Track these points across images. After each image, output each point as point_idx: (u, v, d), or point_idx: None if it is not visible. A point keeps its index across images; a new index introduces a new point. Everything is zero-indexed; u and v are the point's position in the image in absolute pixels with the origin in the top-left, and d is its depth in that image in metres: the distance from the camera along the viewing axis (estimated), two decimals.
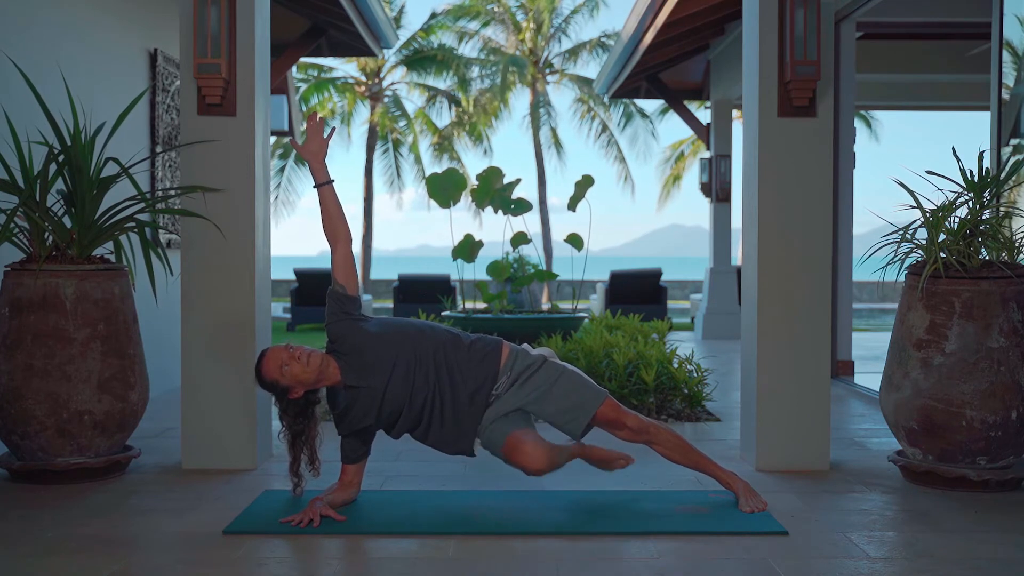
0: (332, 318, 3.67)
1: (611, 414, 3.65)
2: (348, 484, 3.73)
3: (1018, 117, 5.25)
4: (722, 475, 3.78)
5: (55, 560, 3.09)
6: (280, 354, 3.54)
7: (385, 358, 3.59)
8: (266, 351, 3.59)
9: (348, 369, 3.60)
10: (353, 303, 3.68)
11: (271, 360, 3.54)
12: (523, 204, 7.90)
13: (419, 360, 3.60)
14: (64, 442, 4.05)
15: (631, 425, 3.66)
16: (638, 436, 3.68)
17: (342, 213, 3.76)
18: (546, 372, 3.67)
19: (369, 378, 3.58)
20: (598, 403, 3.64)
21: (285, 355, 3.52)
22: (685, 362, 6.16)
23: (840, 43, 7.35)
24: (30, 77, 4.40)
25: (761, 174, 4.44)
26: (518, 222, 9.98)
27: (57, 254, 4.17)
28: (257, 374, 3.59)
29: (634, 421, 3.67)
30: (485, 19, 27.55)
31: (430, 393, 3.59)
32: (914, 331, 4.08)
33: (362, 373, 3.59)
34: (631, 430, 3.66)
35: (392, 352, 3.60)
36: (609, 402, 3.66)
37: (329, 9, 8.14)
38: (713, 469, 3.77)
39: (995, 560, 3.12)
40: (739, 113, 12.58)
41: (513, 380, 3.65)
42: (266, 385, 3.59)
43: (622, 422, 3.65)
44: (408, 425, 3.66)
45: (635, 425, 3.66)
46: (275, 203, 25.37)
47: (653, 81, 11.80)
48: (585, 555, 3.19)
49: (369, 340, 3.62)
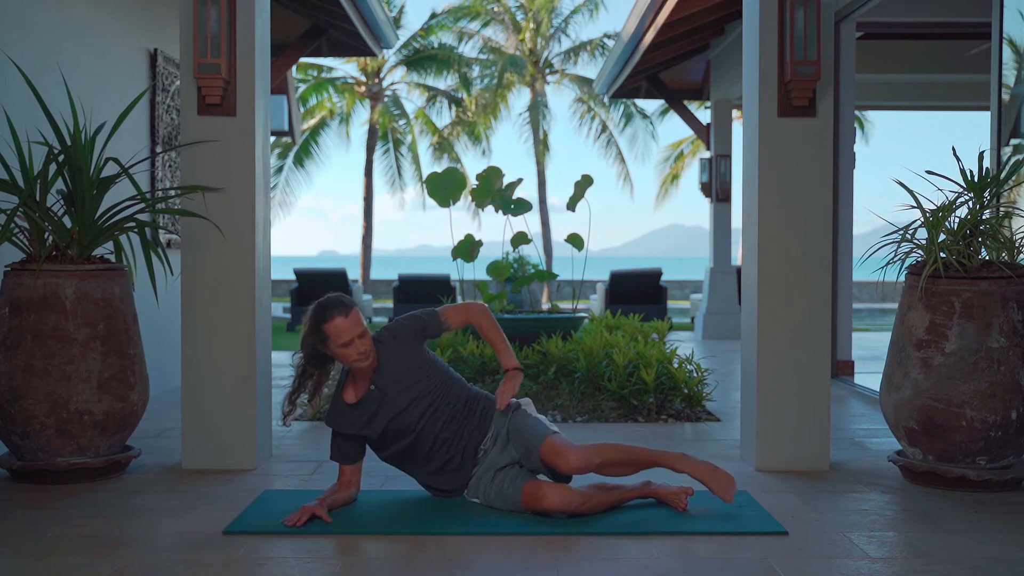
0: (409, 325, 3.71)
1: (550, 453, 3.55)
2: (347, 484, 3.74)
3: (1018, 117, 5.25)
4: (677, 464, 3.63)
5: (55, 560, 3.09)
6: (353, 330, 3.51)
7: (419, 385, 3.66)
8: (346, 310, 3.52)
9: (385, 373, 3.65)
10: (437, 332, 3.75)
11: (344, 328, 3.50)
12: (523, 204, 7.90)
13: (442, 403, 3.69)
14: (64, 442, 4.05)
15: (573, 464, 3.52)
16: (583, 470, 3.56)
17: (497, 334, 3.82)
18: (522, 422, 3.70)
19: (397, 392, 3.64)
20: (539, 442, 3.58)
21: (356, 338, 3.51)
22: (685, 362, 6.16)
23: (840, 43, 7.35)
24: (30, 77, 4.40)
25: (761, 174, 4.44)
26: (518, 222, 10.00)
27: (57, 254, 4.17)
28: (320, 318, 3.53)
29: (576, 460, 3.52)
30: (485, 19, 27.55)
31: (438, 436, 3.68)
32: (914, 331, 4.08)
33: (396, 384, 3.64)
34: (574, 469, 3.54)
35: (428, 385, 3.67)
36: (548, 442, 3.56)
37: (329, 9, 8.14)
38: (667, 460, 3.64)
39: (995, 560, 3.12)
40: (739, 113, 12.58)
41: (503, 439, 3.71)
42: (318, 335, 3.54)
43: (564, 460, 3.52)
44: (402, 451, 3.71)
45: (577, 464, 3.52)
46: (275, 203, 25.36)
47: (653, 81, 11.80)
48: (585, 555, 3.19)
49: (420, 362, 3.68)
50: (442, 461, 3.73)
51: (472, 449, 3.73)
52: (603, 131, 27.70)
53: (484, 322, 3.79)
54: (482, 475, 3.71)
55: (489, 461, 3.71)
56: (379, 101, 26.11)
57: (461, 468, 3.74)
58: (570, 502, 3.49)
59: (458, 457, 3.72)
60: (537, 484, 3.54)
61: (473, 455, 3.74)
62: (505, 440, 3.71)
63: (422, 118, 26.72)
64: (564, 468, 3.51)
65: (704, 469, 3.63)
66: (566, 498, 3.49)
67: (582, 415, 5.79)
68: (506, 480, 3.63)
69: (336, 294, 3.63)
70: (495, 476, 3.67)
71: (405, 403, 3.66)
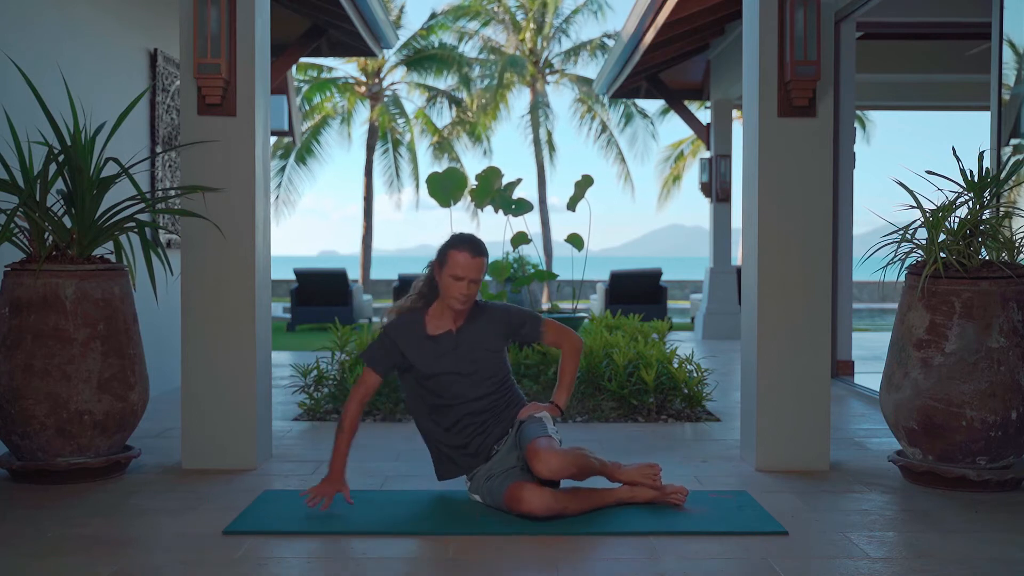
0: (510, 318, 3.80)
1: (530, 455, 3.55)
2: (364, 394, 3.75)
3: (1018, 117, 5.25)
4: (615, 474, 3.68)
5: (55, 560, 3.09)
6: (472, 271, 3.62)
7: (484, 366, 3.74)
8: (477, 251, 3.64)
9: (467, 333, 3.74)
10: (532, 338, 3.84)
11: (464, 264, 3.61)
12: (523, 204, 7.89)
13: (490, 392, 3.76)
14: (64, 442, 4.05)
15: (552, 468, 3.51)
16: (558, 476, 3.57)
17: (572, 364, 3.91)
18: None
19: (467, 352, 3.72)
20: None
21: (470, 281, 3.62)
22: (685, 362, 6.16)
23: (840, 43, 7.35)
24: (30, 77, 4.40)
25: (761, 174, 4.44)
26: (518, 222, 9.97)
27: (57, 254, 4.17)
28: (452, 244, 3.68)
29: (555, 463, 3.51)
30: (485, 19, 27.56)
31: (468, 418, 3.75)
32: (914, 331, 4.08)
33: (469, 349, 3.72)
34: (552, 473, 3.53)
35: (490, 370, 3.75)
36: (532, 444, 3.57)
37: (329, 9, 8.14)
38: (608, 471, 3.67)
39: (995, 560, 3.12)
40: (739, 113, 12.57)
41: (512, 442, 3.75)
42: (441, 256, 3.67)
43: (543, 464, 3.51)
44: (434, 407, 3.76)
45: (555, 468, 3.51)
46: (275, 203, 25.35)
47: (653, 81, 11.79)
48: (584, 555, 3.20)
49: (497, 348, 3.77)
50: (460, 442, 3.76)
51: (488, 446, 3.76)
52: (603, 131, 27.70)
53: (571, 353, 3.90)
54: (485, 473, 3.72)
55: (496, 460, 3.73)
56: (379, 101, 26.11)
57: (475, 456, 3.77)
58: (549, 507, 3.48)
59: (474, 445, 3.76)
60: (519, 486, 3.53)
61: (487, 452, 3.77)
62: (514, 442, 3.74)
63: (422, 118, 26.71)
64: (541, 472, 3.50)
65: (632, 471, 3.70)
66: (545, 503, 3.48)
67: (582, 415, 5.79)
68: (499, 478, 3.64)
69: (479, 238, 3.73)
70: (494, 475, 3.68)
71: (467, 369, 3.71)
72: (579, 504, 3.58)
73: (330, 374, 6.09)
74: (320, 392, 6.00)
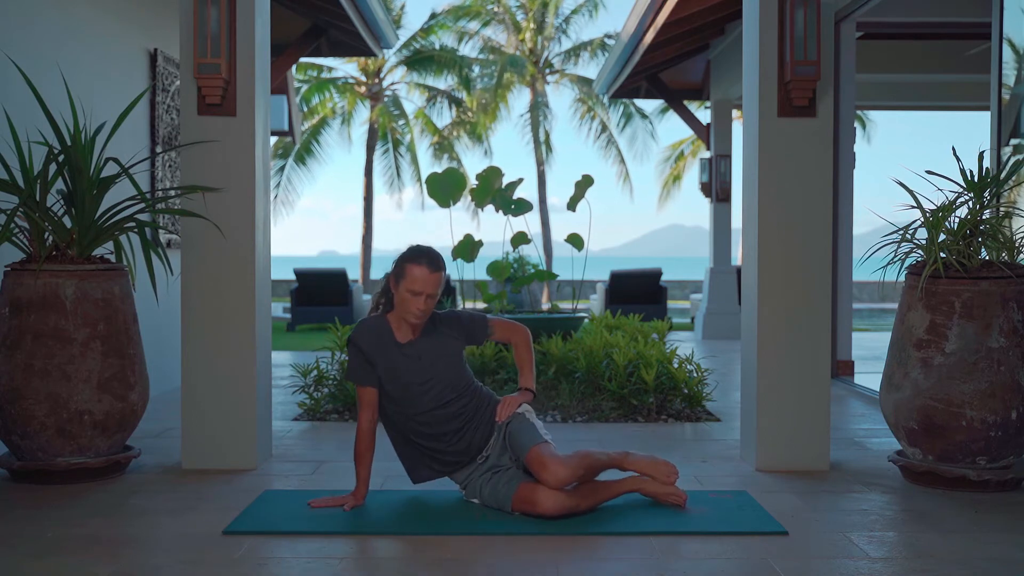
0: (462, 322, 3.77)
1: (535, 464, 3.56)
2: (369, 404, 3.71)
3: (1018, 117, 5.25)
4: (623, 463, 3.72)
5: (55, 560, 3.09)
6: (428, 286, 3.57)
7: (443, 372, 3.70)
8: (435, 266, 3.59)
9: (424, 343, 3.70)
10: (482, 339, 3.83)
11: (421, 279, 3.56)
12: (523, 204, 7.90)
13: (456, 398, 3.72)
14: (64, 442, 4.05)
15: (561, 477, 3.51)
16: (568, 483, 3.56)
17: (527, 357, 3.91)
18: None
19: (427, 363, 3.68)
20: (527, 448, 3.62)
21: (427, 296, 3.58)
22: (685, 362, 6.17)
23: (840, 43, 7.35)
24: (30, 77, 4.40)
25: (761, 174, 4.44)
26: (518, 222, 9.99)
27: (57, 254, 4.17)
28: (409, 258, 3.62)
29: (564, 473, 3.51)
30: (485, 19, 27.55)
31: (444, 427, 3.71)
32: (914, 331, 4.08)
33: (427, 357, 3.69)
34: (561, 482, 3.52)
35: (451, 377, 3.72)
36: (534, 452, 3.57)
37: (329, 9, 8.14)
38: (616, 462, 3.71)
39: (995, 560, 3.12)
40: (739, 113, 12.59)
41: (501, 444, 3.74)
42: (399, 269, 3.62)
43: (551, 474, 3.51)
44: (408, 415, 3.71)
45: (564, 478, 3.52)
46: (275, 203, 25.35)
47: (653, 81, 11.80)
48: (584, 555, 3.20)
49: (454, 353, 3.74)
50: (440, 447, 3.73)
51: (474, 451, 3.75)
52: (603, 131, 27.70)
53: (522, 344, 3.90)
54: (480, 475, 3.72)
55: (490, 462, 3.73)
56: (379, 101, 26.10)
57: (458, 460, 3.75)
58: (563, 507, 3.50)
59: (454, 450, 3.73)
60: (531, 488, 3.54)
61: (473, 454, 3.75)
62: (504, 444, 3.73)
63: (422, 118, 26.70)
64: (551, 484, 3.49)
65: (645, 462, 3.72)
66: (559, 503, 3.49)
67: (582, 415, 5.79)
68: (501, 480, 3.64)
69: (437, 251, 3.70)
70: (492, 476, 3.68)
71: (429, 378, 3.68)
72: (590, 499, 3.59)
73: (330, 374, 6.09)
74: (320, 392, 6.00)
